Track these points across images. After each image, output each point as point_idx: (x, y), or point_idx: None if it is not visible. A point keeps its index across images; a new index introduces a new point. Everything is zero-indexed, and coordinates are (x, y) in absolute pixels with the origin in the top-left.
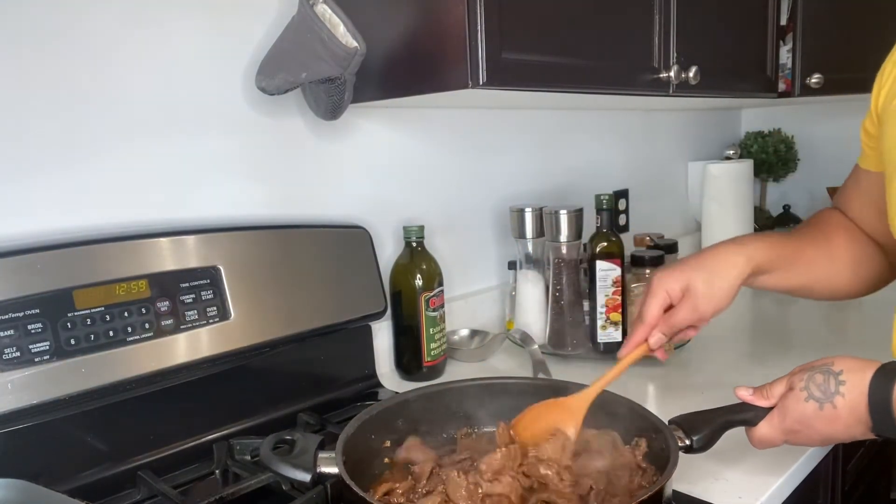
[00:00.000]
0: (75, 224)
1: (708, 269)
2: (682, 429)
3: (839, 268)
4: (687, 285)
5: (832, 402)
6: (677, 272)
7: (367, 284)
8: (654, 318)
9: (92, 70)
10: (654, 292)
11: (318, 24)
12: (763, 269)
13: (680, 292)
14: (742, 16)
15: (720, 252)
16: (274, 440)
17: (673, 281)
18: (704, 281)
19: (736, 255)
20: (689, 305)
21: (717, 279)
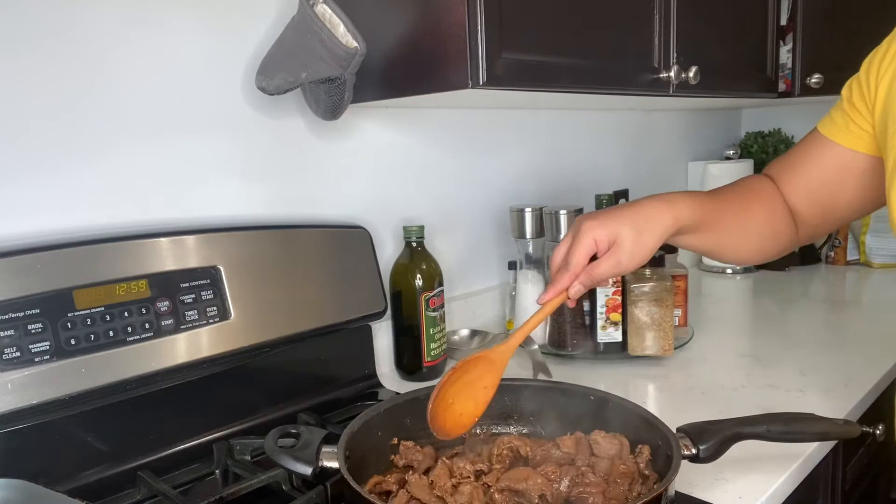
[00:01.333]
0: (75, 224)
1: (637, 225)
2: (690, 437)
3: (749, 240)
4: (615, 238)
5: None
6: (607, 222)
7: (367, 284)
8: (580, 267)
9: (92, 70)
10: (581, 240)
11: (318, 24)
12: (685, 229)
13: (607, 244)
14: (742, 16)
15: (649, 207)
16: (279, 432)
17: (602, 231)
18: (632, 236)
19: (665, 213)
20: (614, 259)
21: (645, 235)
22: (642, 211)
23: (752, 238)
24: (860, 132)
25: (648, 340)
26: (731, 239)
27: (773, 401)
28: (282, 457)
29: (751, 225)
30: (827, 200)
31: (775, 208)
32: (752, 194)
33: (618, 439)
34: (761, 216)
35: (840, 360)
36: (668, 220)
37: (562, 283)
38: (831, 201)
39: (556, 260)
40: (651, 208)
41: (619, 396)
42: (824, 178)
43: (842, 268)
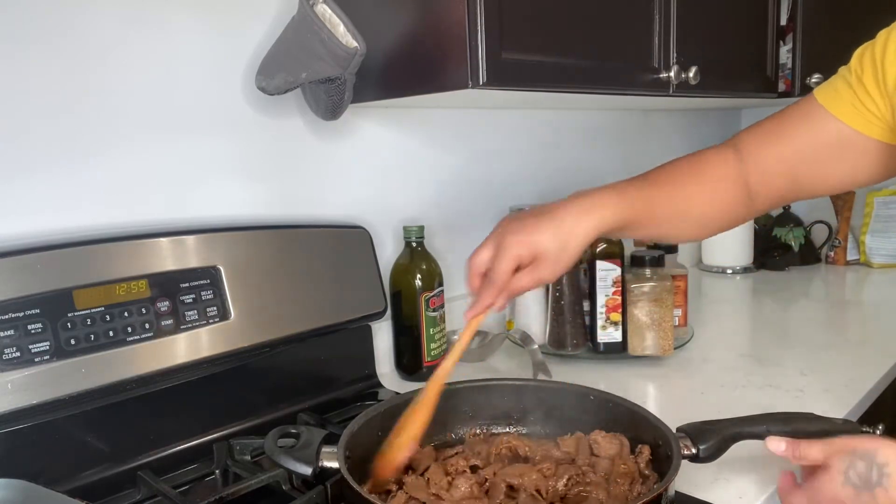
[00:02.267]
0: (75, 224)
1: (560, 238)
2: (690, 437)
3: (687, 225)
4: (538, 254)
5: (872, 492)
6: (531, 236)
7: (367, 284)
8: (504, 283)
9: (92, 70)
10: (505, 255)
11: (318, 24)
12: (612, 231)
13: (530, 259)
14: (742, 16)
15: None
16: (279, 432)
17: (526, 248)
18: (555, 251)
19: (588, 223)
20: (536, 275)
21: (567, 250)
22: (566, 221)
23: (690, 225)
24: (871, 116)
25: (648, 340)
26: (665, 229)
27: (773, 401)
28: (282, 457)
29: (688, 213)
30: (802, 173)
31: (721, 192)
32: (695, 179)
33: (618, 439)
34: (700, 201)
35: (840, 360)
36: (591, 229)
37: (488, 299)
38: (806, 175)
39: (478, 268)
40: (573, 217)
41: (619, 396)
42: (809, 150)
43: (842, 268)
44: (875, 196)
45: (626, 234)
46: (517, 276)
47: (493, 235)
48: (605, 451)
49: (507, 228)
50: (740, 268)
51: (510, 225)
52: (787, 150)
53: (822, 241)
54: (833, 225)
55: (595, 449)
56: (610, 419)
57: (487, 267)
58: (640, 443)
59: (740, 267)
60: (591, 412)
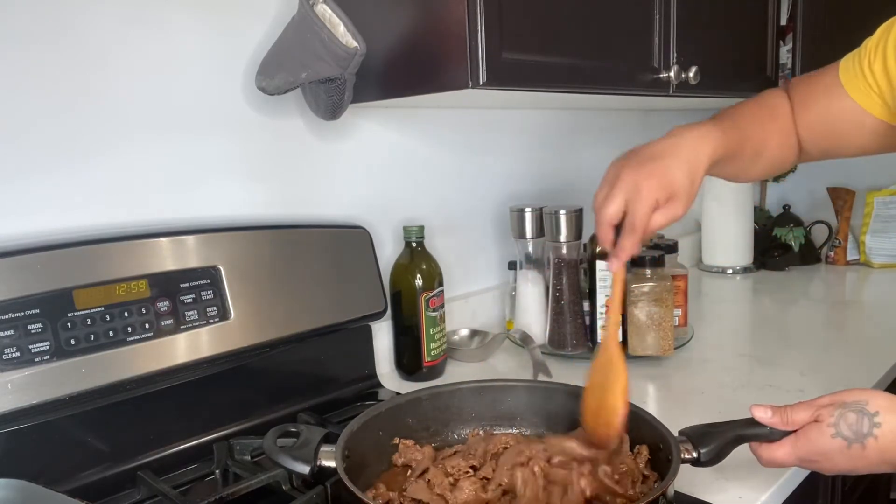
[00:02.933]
0: (75, 224)
1: (689, 171)
2: (692, 441)
3: (758, 164)
4: (673, 191)
5: (863, 442)
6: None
7: (367, 284)
8: (646, 227)
9: (92, 69)
10: (645, 201)
11: (318, 24)
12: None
13: (666, 199)
14: (742, 16)
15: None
16: (279, 431)
17: (662, 190)
18: (687, 186)
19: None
20: (672, 212)
21: (695, 182)
22: (684, 148)
23: (760, 163)
24: (873, 95)
25: (648, 340)
26: (742, 165)
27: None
28: (280, 455)
29: (763, 153)
30: (831, 143)
31: (788, 137)
32: (771, 121)
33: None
34: (774, 144)
35: (840, 360)
36: (707, 158)
37: (631, 247)
38: (835, 145)
39: (612, 219)
40: (692, 149)
41: None
42: (832, 124)
43: (842, 268)
44: (875, 196)
45: (719, 168)
46: (653, 218)
47: (619, 183)
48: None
49: (635, 174)
50: (740, 268)
51: (636, 169)
52: (813, 118)
53: (822, 241)
54: (833, 225)
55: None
56: None
57: (620, 218)
58: (641, 444)
59: (740, 267)
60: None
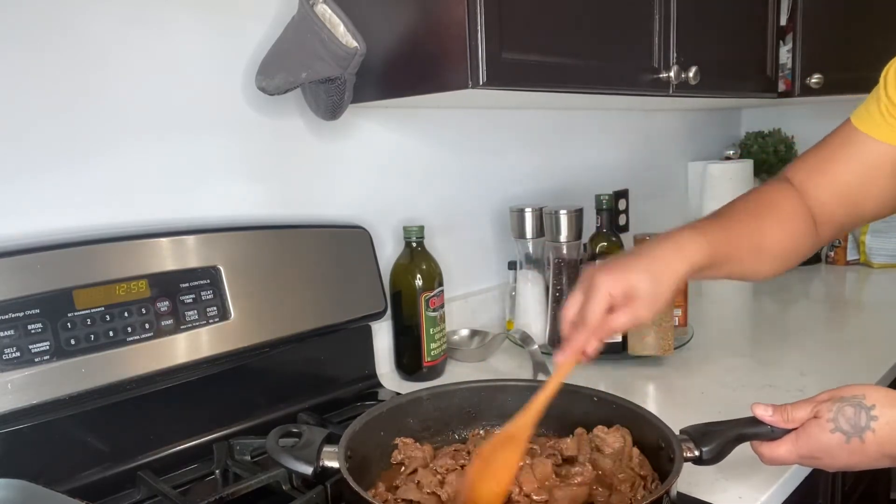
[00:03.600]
0: (75, 224)
1: (651, 274)
2: (693, 439)
3: (763, 261)
4: (630, 290)
5: (861, 436)
6: (620, 274)
7: (367, 284)
8: (597, 323)
9: (92, 69)
10: (596, 295)
11: (318, 24)
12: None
13: (622, 297)
14: (742, 16)
15: (660, 254)
16: (281, 431)
17: (618, 284)
18: (647, 287)
19: (677, 260)
20: (631, 313)
21: (660, 285)
22: (654, 258)
23: (766, 260)
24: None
25: (648, 340)
26: (744, 266)
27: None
28: (282, 456)
29: (765, 246)
30: (858, 198)
31: (792, 223)
32: (766, 211)
33: (620, 432)
34: (776, 236)
35: (840, 360)
36: (681, 268)
37: (579, 342)
38: (862, 199)
39: (569, 315)
40: (662, 254)
41: (622, 398)
42: (857, 175)
43: (842, 268)
44: None
45: (710, 272)
46: (612, 317)
47: (581, 283)
48: (609, 447)
49: (595, 272)
50: None
51: (599, 270)
52: (837, 179)
53: None
54: None
55: (599, 444)
56: (613, 420)
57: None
58: (643, 444)
59: None
60: (593, 413)
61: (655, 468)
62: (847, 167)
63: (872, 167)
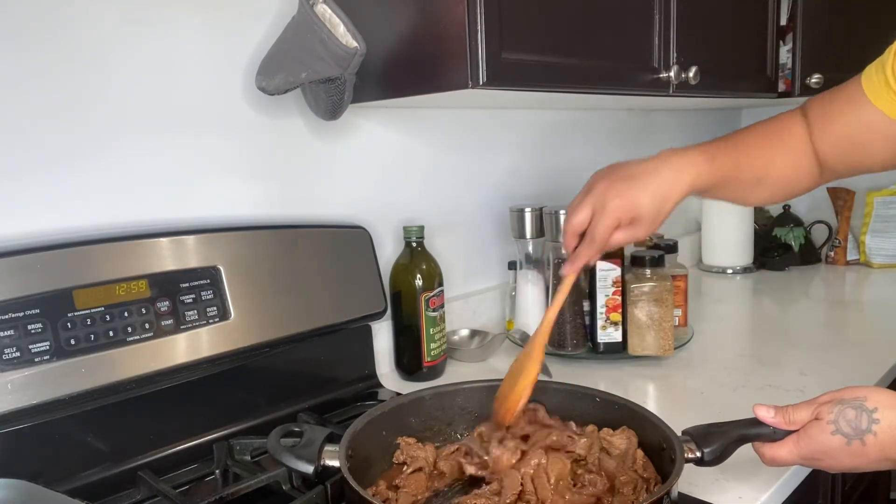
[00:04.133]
0: (75, 224)
1: (658, 198)
2: (695, 440)
3: (763, 189)
4: (638, 214)
5: (862, 439)
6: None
7: (367, 284)
8: (605, 242)
9: (92, 69)
10: (608, 217)
11: (318, 24)
12: (698, 190)
13: (629, 220)
14: (742, 16)
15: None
16: (282, 430)
17: (626, 210)
18: (652, 210)
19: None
20: (632, 233)
21: (663, 210)
22: (662, 181)
23: (766, 188)
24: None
25: (648, 340)
26: (743, 192)
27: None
28: (284, 455)
29: (770, 176)
30: (856, 157)
31: (798, 159)
32: (779, 142)
33: (626, 434)
34: (781, 166)
35: (840, 360)
36: (685, 188)
37: (587, 256)
38: (860, 158)
39: (577, 227)
40: (670, 177)
41: (624, 398)
42: (857, 135)
43: (842, 268)
44: (875, 196)
45: (711, 194)
46: (614, 234)
47: (590, 195)
48: (616, 447)
49: (606, 190)
50: (740, 268)
51: (608, 186)
52: (836, 134)
53: (822, 241)
54: (833, 225)
55: (606, 445)
56: (615, 421)
57: (585, 227)
58: (645, 445)
59: (740, 267)
60: (596, 414)
61: (658, 470)
62: (847, 125)
63: (868, 130)
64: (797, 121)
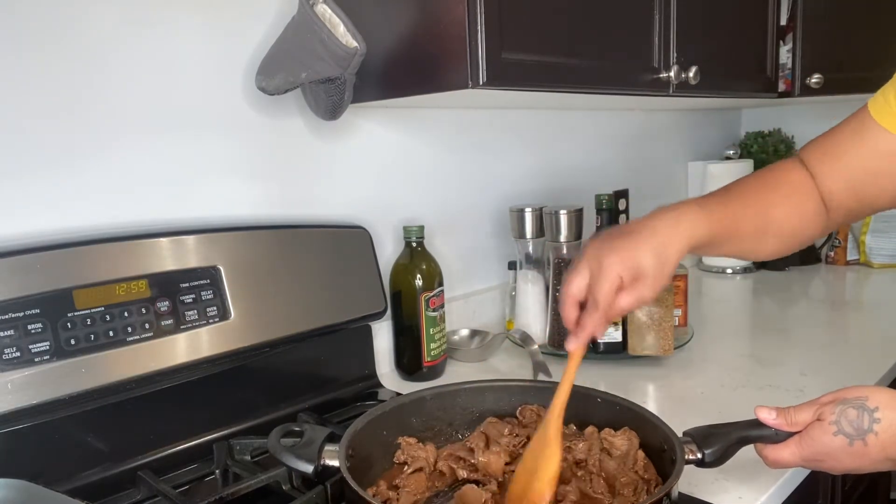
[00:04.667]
0: (75, 224)
1: (656, 252)
2: (696, 442)
3: (767, 240)
4: (638, 270)
5: (864, 439)
6: (627, 253)
7: (367, 284)
8: (609, 306)
9: (92, 69)
10: (607, 278)
11: (318, 24)
12: (698, 242)
13: (631, 278)
14: (742, 16)
15: (663, 229)
16: (283, 430)
17: (626, 265)
18: (653, 266)
19: (680, 235)
20: (637, 293)
21: (665, 264)
22: (657, 235)
23: (770, 240)
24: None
25: (648, 340)
26: (744, 245)
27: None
28: (284, 454)
29: (770, 226)
30: (869, 189)
31: (800, 204)
32: (774, 193)
33: (627, 435)
34: (782, 216)
35: (840, 360)
36: (683, 242)
37: (592, 325)
38: (873, 190)
39: (575, 295)
40: (666, 230)
41: (626, 399)
42: (870, 165)
43: (842, 268)
44: None
45: (710, 249)
46: (618, 298)
47: (584, 260)
48: (617, 449)
49: (600, 250)
50: (740, 268)
51: (603, 247)
52: (847, 167)
53: (822, 241)
54: None
55: (607, 446)
56: (615, 421)
57: (584, 295)
58: (645, 446)
59: (740, 267)
60: (597, 414)
61: (658, 471)
62: (858, 157)
63: (884, 158)
64: (794, 167)
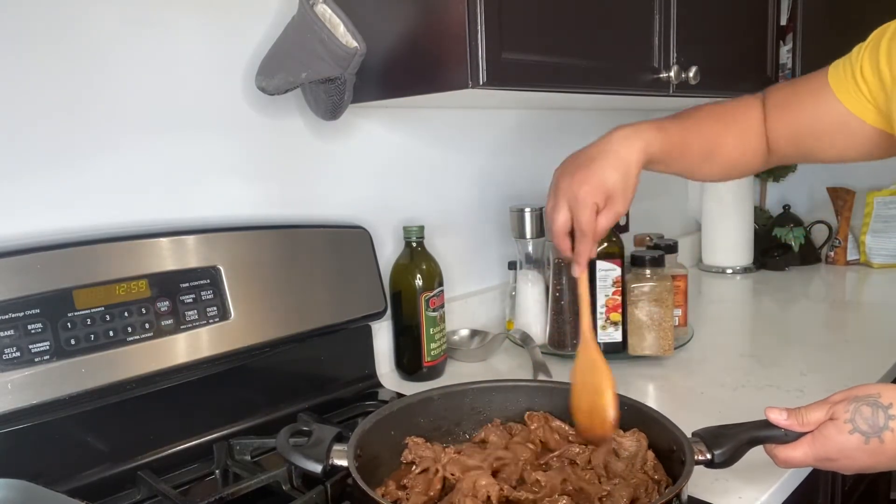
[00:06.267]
0: (75, 224)
1: (620, 168)
2: (705, 442)
3: (712, 166)
4: (609, 191)
5: (880, 436)
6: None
7: (367, 284)
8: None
9: (92, 69)
10: (585, 207)
11: (318, 24)
12: (651, 157)
13: (604, 201)
14: (742, 16)
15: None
16: (291, 430)
17: (598, 193)
18: (621, 183)
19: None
20: (613, 211)
21: (628, 177)
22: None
23: (716, 164)
24: (866, 103)
25: (648, 340)
26: (692, 167)
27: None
28: (292, 454)
29: (718, 154)
30: (811, 144)
31: (748, 141)
32: (732, 122)
33: (636, 436)
34: (731, 147)
35: (840, 360)
36: (640, 153)
37: (586, 252)
38: (815, 146)
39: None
40: (625, 148)
41: (634, 399)
42: (817, 126)
43: (842, 268)
44: (875, 196)
45: (661, 166)
46: (598, 220)
47: (559, 194)
48: (626, 450)
49: (571, 182)
50: (740, 268)
51: (572, 178)
52: (796, 121)
53: (822, 241)
54: (833, 225)
55: (615, 447)
56: (624, 422)
57: (570, 226)
58: (654, 447)
59: (740, 267)
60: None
61: (667, 472)
62: (809, 116)
63: (830, 125)
64: (754, 105)
